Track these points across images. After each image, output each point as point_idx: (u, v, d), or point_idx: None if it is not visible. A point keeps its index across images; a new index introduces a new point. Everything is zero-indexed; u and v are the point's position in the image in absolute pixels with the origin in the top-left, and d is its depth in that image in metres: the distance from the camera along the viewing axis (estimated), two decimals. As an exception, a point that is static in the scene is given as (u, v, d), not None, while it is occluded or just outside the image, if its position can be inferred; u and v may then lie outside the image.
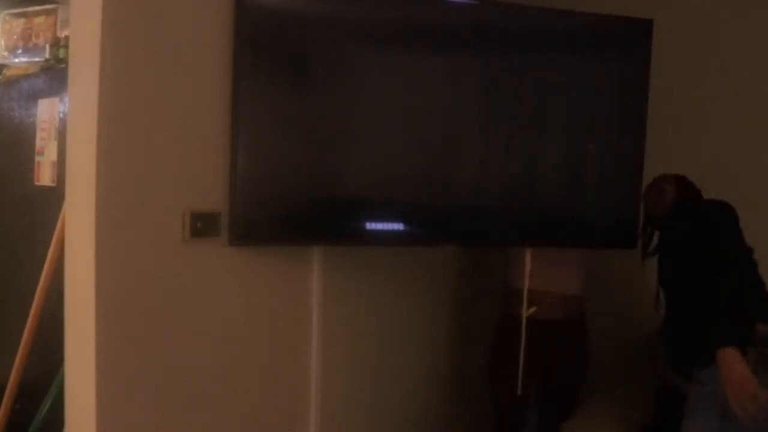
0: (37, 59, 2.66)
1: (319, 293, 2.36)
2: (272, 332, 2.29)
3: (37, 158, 2.54)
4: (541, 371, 2.59)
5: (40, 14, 2.67)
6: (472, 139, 2.40)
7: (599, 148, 2.49)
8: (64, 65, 2.37)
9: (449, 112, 2.35)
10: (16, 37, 2.73)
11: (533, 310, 2.57)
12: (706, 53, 2.86)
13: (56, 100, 2.46)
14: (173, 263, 2.03)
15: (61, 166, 2.35)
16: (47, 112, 2.51)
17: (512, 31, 2.40)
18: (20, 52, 2.72)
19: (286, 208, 2.20)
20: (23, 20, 2.71)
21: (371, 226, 2.30)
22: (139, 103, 1.94)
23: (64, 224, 2.19)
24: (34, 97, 2.58)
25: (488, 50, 2.37)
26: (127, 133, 1.92)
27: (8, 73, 2.80)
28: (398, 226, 2.33)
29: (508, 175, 2.43)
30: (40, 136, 2.54)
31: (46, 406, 2.36)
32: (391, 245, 2.46)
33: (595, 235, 2.51)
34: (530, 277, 2.55)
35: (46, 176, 2.51)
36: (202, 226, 2.05)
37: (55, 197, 2.34)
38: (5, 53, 2.78)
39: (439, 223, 2.37)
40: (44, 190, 2.50)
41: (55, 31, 2.61)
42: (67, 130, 2.03)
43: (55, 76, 2.51)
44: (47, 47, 2.61)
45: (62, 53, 2.53)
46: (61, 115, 2.44)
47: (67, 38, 2.42)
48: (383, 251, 2.52)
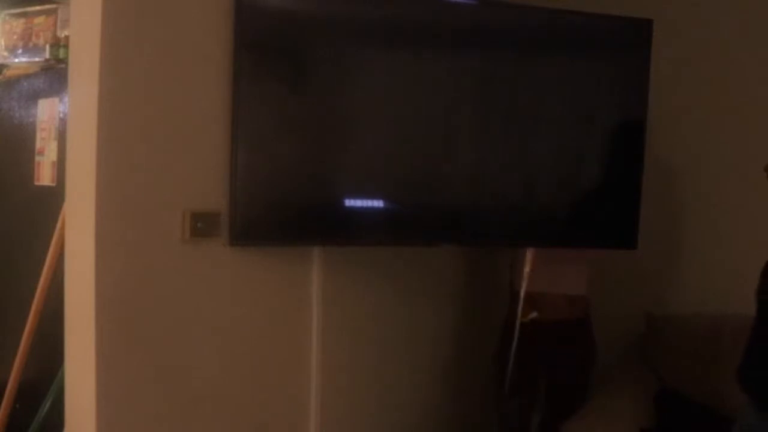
0: (37, 59, 2.66)
1: (319, 293, 2.36)
2: (272, 332, 2.28)
3: (37, 158, 2.54)
4: (546, 372, 2.60)
5: (40, 14, 2.67)
6: (471, 138, 2.41)
7: (599, 147, 2.49)
8: (64, 65, 2.37)
9: (449, 111, 2.35)
10: (16, 37, 2.72)
11: (534, 315, 2.59)
12: (706, 53, 2.86)
13: (56, 100, 2.46)
14: (173, 263, 2.03)
15: (61, 166, 2.35)
16: (47, 112, 2.51)
17: (511, 30, 2.40)
18: (20, 52, 2.72)
19: (286, 208, 2.20)
20: (23, 20, 2.70)
21: (371, 226, 2.30)
22: (139, 103, 1.94)
23: (64, 224, 2.19)
24: (34, 97, 2.58)
25: (487, 50, 2.37)
26: (127, 132, 1.92)
27: (8, 73, 2.79)
28: (398, 226, 2.33)
29: (508, 174, 2.43)
30: (40, 136, 2.53)
31: (46, 406, 2.36)
32: (390, 245, 2.47)
33: (595, 234, 2.52)
34: (535, 278, 2.57)
35: (46, 176, 2.51)
36: (202, 226, 2.05)
37: (55, 197, 2.34)
38: (5, 53, 2.78)
39: (438, 222, 2.37)
40: (44, 190, 2.50)
41: (55, 31, 2.61)
42: (67, 130, 2.03)
43: (55, 76, 2.50)
44: (47, 47, 2.61)
45: (62, 53, 2.53)
46: (61, 115, 2.43)
47: (67, 38, 2.42)
48: (384, 251, 2.52)
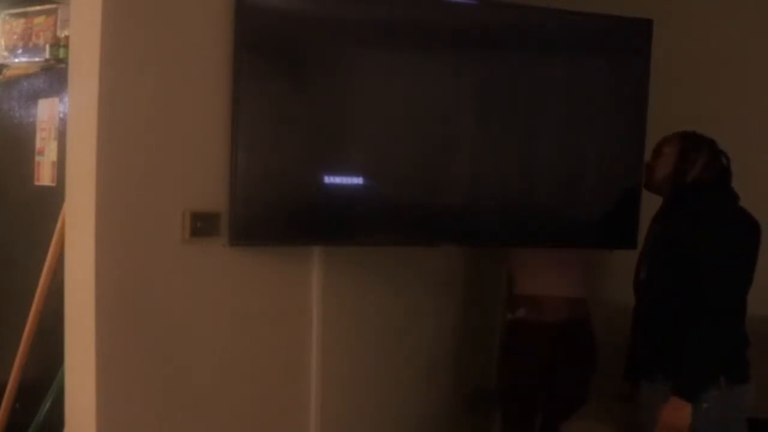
0: (37, 59, 2.66)
1: (318, 293, 2.37)
2: (271, 332, 2.29)
3: (37, 158, 2.54)
4: (548, 372, 2.63)
5: (40, 14, 2.67)
6: (472, 139, 2.42)
7: (599, 147, 2.50)
8: (64, 65, 2.37)
9: (450, 112, 2.37)
10: (16, 37, 2.73)
11: (522, 312, 2.63)
12: (706, 53, 2.86)
13: (56, 100, 2.46)
14: (173, 263, 2.04)
15: (60, 166, 2.35)
16: (47, 112, 2.51)
17: (511, 30, 2.41)
18: (20, 52, 2.73)
19: (285, 208, 2.21)
20: (23, 20, 2.71)
21: (371, 225, 2.31)
22: (138, 103, 1.94)
23: (63, 224, 2.19)
24: (34, 97, 2.59)
25: (487, 49, 2.38)
26: (127, 133, 1.92)
27: (8, 73, 2.80)
28: (398, 226, 2.34)
29: (508, 175, 2.44)
30: (40, 136, 2.54)
31: (46, 405, 2.36)
32: (391, 245, 2.48)
33: (594, 235, 2.53)
34: (535, 281, 2.62)
35: (46, 176, 2.51)
36: (202, 226, 2.05)
37: (55, 197, 2.34)
38: (5, 53, 2.78)
39: (438, 222, 2.38)
40: (44, 189, 2.50)
41: (55, 31, 2.61)
42: (67, 130, 2.03)
43: (55, 76, 2.51)
44: (47, 47, 2.61)
45: (62, 53, 2.53)
46: (61, 115, 2.44)
47: (67, 38, 2.42)
48: (384, 252, 2.52)
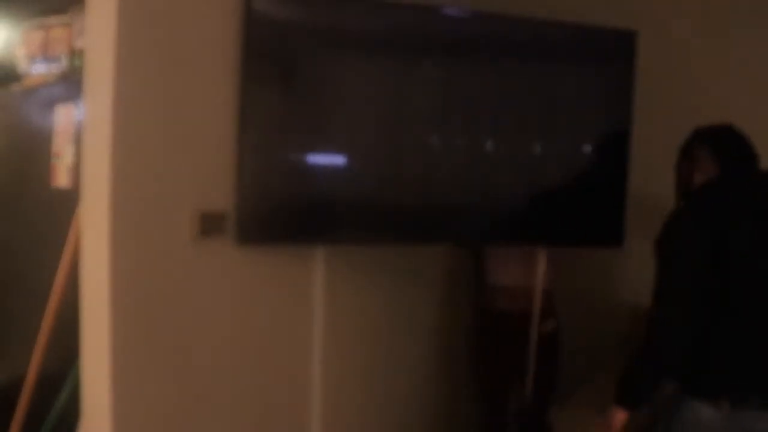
0: (54, 69, 2.68)
1: (323, 292, 2.39)
2: (277, 329, 2.31)
3: (53, 162, 2.57)
4: (520, 361, 2.69)
5: (57, 27, 2.70)
6: (464, 143, 2.45)
7: (586, 150, 2.52)
8: (80, 74, 2.42)
9: (444, 118, 2.40)
10: (35, 48, 2.78)
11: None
12: (689, 63, 2.89)
13: (73, 106, 2.49)
14: (183, 261, 2.06)
15: (76, 169, 2.40)
16: (64, 117, 2.52)
17: (499, 40, 2.43)
18: (39, 61, 2.76)
19: (291, 208, 2.23)
20: (42, 32, 2.74)
21: (373, 225, 2.34)
22: (150, 108, 1.97)
23: (79, 224, 2.25)
24: (51, 104, 2.60)
25: (477, 59, 2.41)
26: (139, 137, 1.95)
27: (27, 82, 2.85)
28: (398, 226, 2.37)
29: (498, 177, 2.47)
30: (56, 140, 2.57)
31: (62, 398, 2.40)
32: (391, 245, 2.50)
33: (582, 234, 2.55)
34: (505, 273, 2.68)
35: (62, 179, 2.54)
36: (210, 225, 2.08)
37: (70, 199, 2.39)
38: (25, 63, 2.83)
39: (437, 222, 2.42)
40: (60, 192, 2.53)
41: (71, 42, 2.66)
42: (82, 134, 2.06)
43: (71, 84, 2.52)
44: (64, 57, 2.64)
45: (78, 62, 2.56)
46: (77, 120, 2.46)
47: (82, 48, 2.48)
48: (388, 251, 2.54)
